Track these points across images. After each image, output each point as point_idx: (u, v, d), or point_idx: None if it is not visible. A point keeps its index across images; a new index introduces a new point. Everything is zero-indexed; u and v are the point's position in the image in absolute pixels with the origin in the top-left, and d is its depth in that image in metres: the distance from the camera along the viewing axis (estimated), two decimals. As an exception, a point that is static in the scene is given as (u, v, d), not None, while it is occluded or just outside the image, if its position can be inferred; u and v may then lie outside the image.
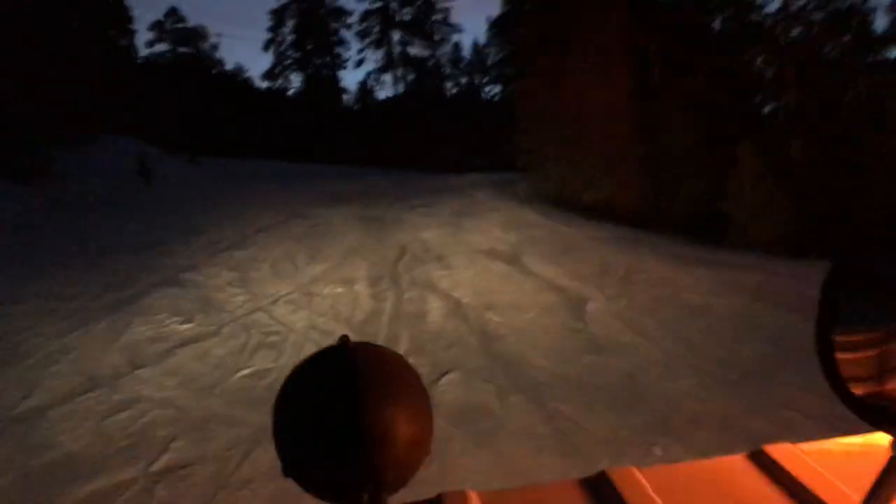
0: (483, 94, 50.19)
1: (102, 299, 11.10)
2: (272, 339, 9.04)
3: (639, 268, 11.94)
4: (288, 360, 8.24)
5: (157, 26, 54.10)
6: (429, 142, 42.34)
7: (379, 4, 51.09)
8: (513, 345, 8.41)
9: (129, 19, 46.97)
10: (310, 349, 9.48)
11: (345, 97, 54.02)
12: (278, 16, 52.74)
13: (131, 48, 48.73)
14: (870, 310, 0.69)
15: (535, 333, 8.81)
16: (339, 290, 11.27)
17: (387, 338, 8.90)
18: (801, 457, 1.01)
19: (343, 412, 0.85)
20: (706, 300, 9.90)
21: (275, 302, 10.64)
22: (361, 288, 11.42)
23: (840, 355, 0.67)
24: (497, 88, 49.05)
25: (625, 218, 21.44)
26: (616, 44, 24.04)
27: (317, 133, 45.76)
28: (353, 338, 0.92)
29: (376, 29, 51.31)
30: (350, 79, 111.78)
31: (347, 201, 21.92)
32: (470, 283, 11.55)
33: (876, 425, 0.66)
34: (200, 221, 17.79)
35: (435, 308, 10.16)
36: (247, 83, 55.77)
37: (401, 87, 51.63)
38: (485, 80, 49.44)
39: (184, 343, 9.04)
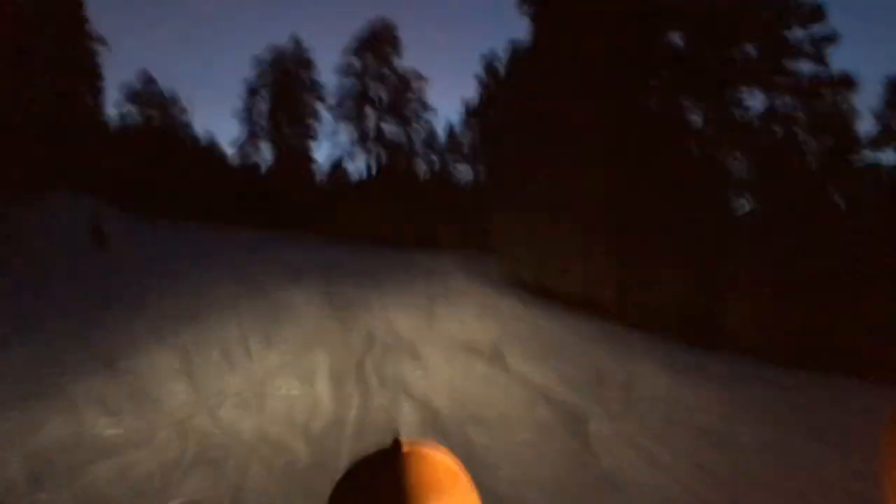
0: (455, 176, 49.28)
1: (20, 386, 9.26)
2: (213, 453, 7.29)
3: (637, 377, 10.36)
4: (230, 484, 6.49)
5: (126, 87, 52.69)
6: (400, 220, 41.07)
7: (355, 81, 50.33)
8: (506, 478, 6.74)
9: (98, 77, 45.71)
10: (257, 471, 7.72)
11: (316, 170, 52.79)
12: (252, 85, 51.75)
13: (97, 107, 47.27)
14: None
15: (532, 462, 7.15)
16: (297, 390, 9.55)
17: (350, 457, 7.23)
18: None
19: None
20: (726, 426, 8.36)
21: (221, 402, 8.88)
22: (323, 387, 9.73)
23: None
24: (469, 170, 48.22)
25: (604, 310, 20.08)
26: (593, 135, 23.09)
27: (286, 204, 44.29)
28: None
29: (351, 105, 50.41)
30: (322, 152, 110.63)
31: (313, 276, 20.27)
32: (449, 387, 9.93)
33: None
34: (151, 292, 16.00)
35: (409, 419, 8.49)
36: (216, 150, 54.37)
37: (373, 164, 50.59)
38: (458, 162, 48.57)
39: (105, 453, 7.24)
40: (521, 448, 7.55)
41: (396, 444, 0.88)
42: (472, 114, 41.89)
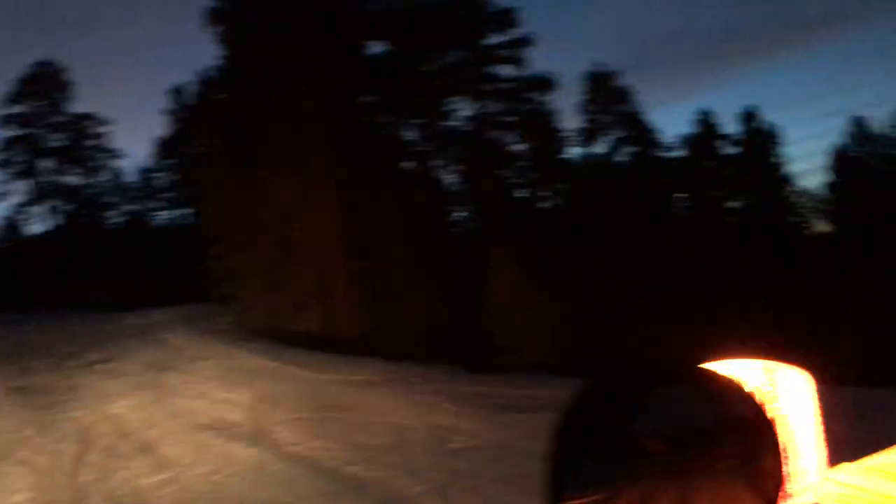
0: (155, 221, 44.41)
1: None
2: None
3: (452, 430, 8.26)
4: None
5: None
6: (96, 278, 35.77)
7: (24, 131, 43.54)
8: None
9: None
10: None
11: (-10, 236, 44.98)
12: None
13: None
14: (590, 473, 0.67)
15: None
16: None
17: None
18: None
19: None
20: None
21: None
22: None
23: None
24: (170, 213, 43.66)
25: (362, 349, 18.00)
26: (315, 155, 20.94)
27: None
28: None
29: (21, 158, 43.55)
30: None
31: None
32: (208, 489, 7.21)
33: None
34: None
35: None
36: None
37: (56, 220, 44.10)
38: (155, 207, 43.80)
39: None
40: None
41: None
42: (166, 152, 37.69)
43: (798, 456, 0.75)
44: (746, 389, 0.74)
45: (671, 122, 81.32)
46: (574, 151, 26.16)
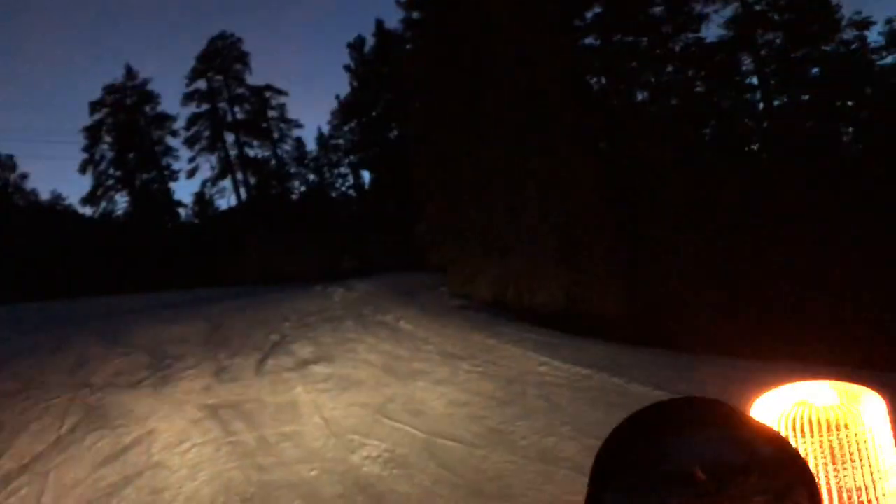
0: (338, 188, 40.64)
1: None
2: None
3: None
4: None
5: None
6: (286, 250, 32.27)
7: (207, 106, 40.90)
8: None
9: None
10: None
11: (182, 212, 42.89)
12: (93, 132, 41.31)
13: None
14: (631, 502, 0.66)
15: None
16: None
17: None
18: None
19: None
20: None
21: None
22: None
23: None
24: (350, 180, 39.73)
25: (622, 330, 12.55)
26: (556, 83, 15.45)
27: (149, 257, 34.55)
28: None
29: (207, 133, 40.95)
30: (184, 190, 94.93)
31: (185, 363, 11.74)
32: None
33: None
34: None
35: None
36: (66, 212, 43.61)
37: (242, 193, 41.27)
38: (337, 173, 39.99)
39: None
40: None
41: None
42: (349, 113, 33.35)
43: (883, 476, 0.69)
44: (778, 434, 0.72)
45: None
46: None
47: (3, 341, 17.75)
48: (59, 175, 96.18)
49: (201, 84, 40.63)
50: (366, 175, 38.49)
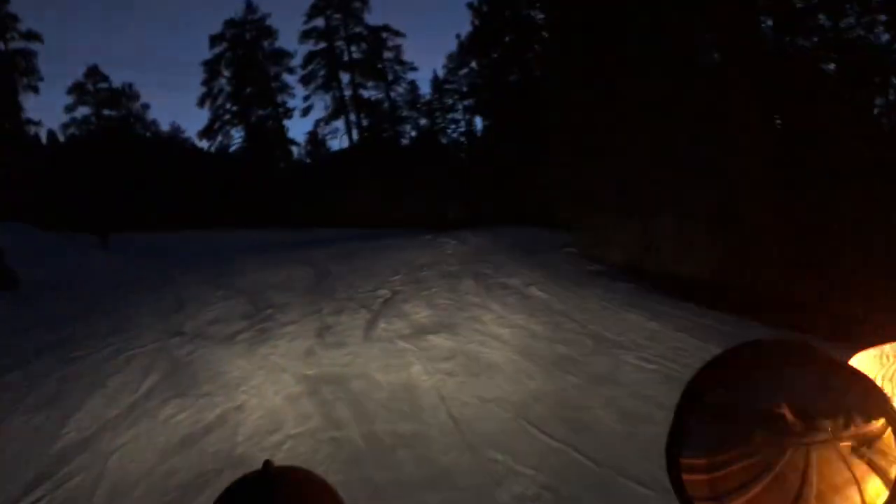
0: (450, 135, 38.49)
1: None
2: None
3: None
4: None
5: (76, 88, 41.51)
6: (395, 195, 30.62)
7: (324, 44, 39.26)
8: None
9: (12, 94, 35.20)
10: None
11: (294, 150, 41.88)
12: (212, 66, 40.56)
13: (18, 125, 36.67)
14: (713, 436, 0.65)
15: None
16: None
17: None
18: None
19: None
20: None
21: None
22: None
23: (687, 476, 0.66)
24: (464, 126, 37.48)
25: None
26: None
27: (262, 194, 33.66)
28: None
29: (322, 72, 39.43)
30: (298, 129, 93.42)
31: (286, 316, 10.14)
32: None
33: None
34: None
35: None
36: (184, 144, 43.44)
37: (354, 135, 39.77)
38: (450, 118, 37.79)
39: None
40: None
41: (267, 465, 0.79)
42: (469, 54, 30.86)
43: None
44: (868, 379, 0.69)
45: None
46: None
47: (111, 273, 16.85)
48: (179, 108, 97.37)
49: (319, 22, 39.02)
50: (478, 121, 36.22)
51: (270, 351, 8.46)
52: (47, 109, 77.07)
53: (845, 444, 0.61)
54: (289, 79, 40.21)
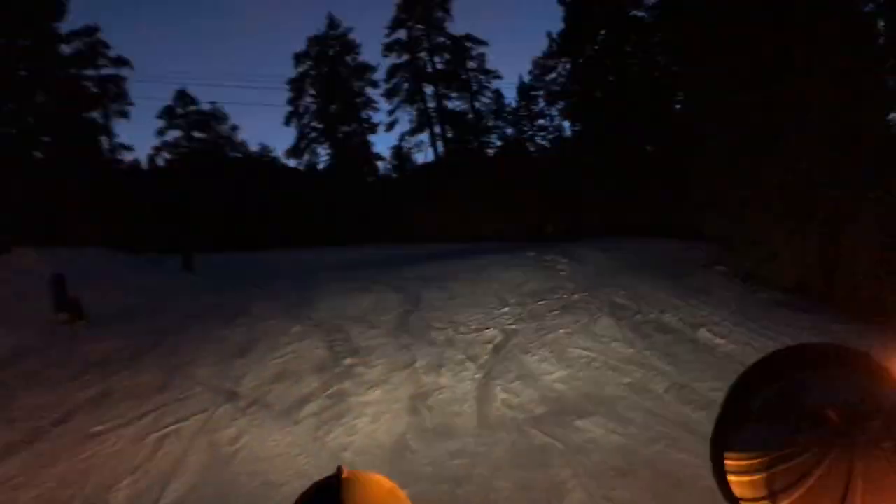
0: (539, 143, 35.22)
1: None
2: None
3: None
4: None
5: (166, 112, 40.51)
6: (484, 207, 27.71)
7: (407, 56, 36.79)
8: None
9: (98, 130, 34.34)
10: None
11: (380, 165, 39.51)
12: (297, 84, 38.73)
13: (108, 151, 35.73)
14: (757, 437, 0.62)
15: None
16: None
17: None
18: None
19: None
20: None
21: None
22: None
23: (732, 477, 0.64)
24: (552, 132, 34.15)
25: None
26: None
27: (348, 211, 31.36)
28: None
29: (406, 85, 36.96)
30: (383, 143, 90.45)
31: (367, 373, 7.34)
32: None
33: None
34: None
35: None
36: (273, 164, 41.82)
37: (439, 147, 37.10)
38: (538, 125, 34.55)
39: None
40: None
41: (339, 471, 0.78)
42: (562, 51, 27.41)
43: None
44: None
45: None
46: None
47: (187, 300, 14.57)
48: (266, 130, 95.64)
49: (401, 34, 36.59)
50: (566, 126, 32.79)
51: (346, 440, 5.61)
52: (138, 134, 77.76)
53: (890, 447, 0.57)
54: (373, 93, 37.94)
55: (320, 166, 39.62)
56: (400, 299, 11.80)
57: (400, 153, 37.62)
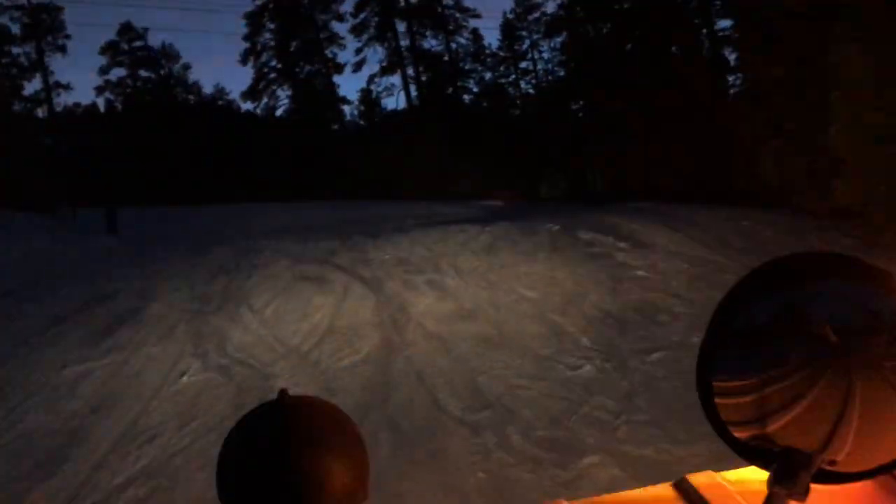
0: (522, 90, 30.36)
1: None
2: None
3: None
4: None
5: (110, 48, 34.46)
6: (462, 162, 23.03)
7: (376, -11, 31.23)
8: None
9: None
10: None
11: (346, 109, 34.19)
12: (254, 18, 32.95)
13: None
14: (746, 357, 0.57)
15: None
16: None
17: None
18: (722, 485, 0.74)
19: (278, 465, 0.69)
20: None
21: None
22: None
23: (719, 400, 0.58)
24: (541, 77, 29.31)
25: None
26: None
27: (312, 161, 26.37)
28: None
29: (376, 20, 31.50)
30: (349, 86, 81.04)
31: None
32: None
33: (754, 463, 0.58)
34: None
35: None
36: (229, 108, 36.28)
37: (412, 91, 31.91)
38: (521, 69, 29.65)
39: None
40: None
41: (283, 393, 0.74)
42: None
43: None
44: None
45: None
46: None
47: (85, 277, 9.86)
48: (222, 68, 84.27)
49: (373, -38, 31.02)
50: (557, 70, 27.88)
51: None
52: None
53: (892, 366, 0.52)
54: (339, 27, 32.41)
55: (280, 112, 34.23)
56: (370, 303, 7.28)
57: (368, 97, 32.36)
